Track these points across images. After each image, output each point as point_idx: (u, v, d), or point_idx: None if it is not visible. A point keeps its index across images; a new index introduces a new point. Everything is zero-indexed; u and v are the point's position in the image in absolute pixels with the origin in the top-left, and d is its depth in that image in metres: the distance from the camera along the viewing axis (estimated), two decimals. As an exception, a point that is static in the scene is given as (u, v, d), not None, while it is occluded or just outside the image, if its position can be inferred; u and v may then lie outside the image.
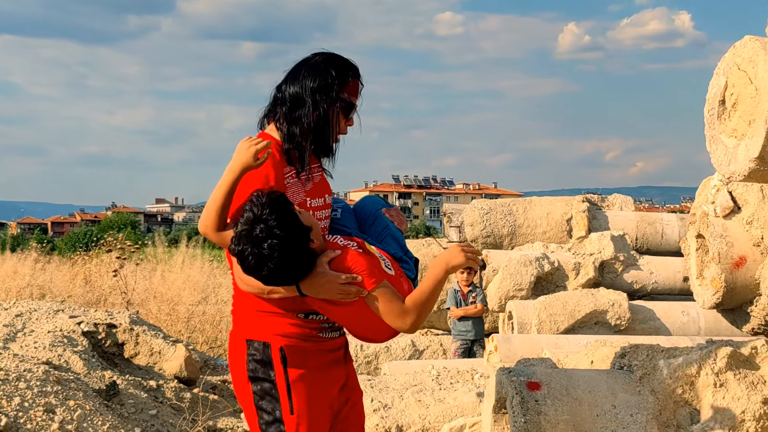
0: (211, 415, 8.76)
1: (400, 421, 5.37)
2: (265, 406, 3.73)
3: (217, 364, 10.94)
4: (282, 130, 3.79)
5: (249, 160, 3.63)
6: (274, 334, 3.73)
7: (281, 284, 3.64)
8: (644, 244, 10.42)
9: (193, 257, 16.85)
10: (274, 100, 3.86)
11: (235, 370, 3.83)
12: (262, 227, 3.51)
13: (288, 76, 3.85)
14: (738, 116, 4.20)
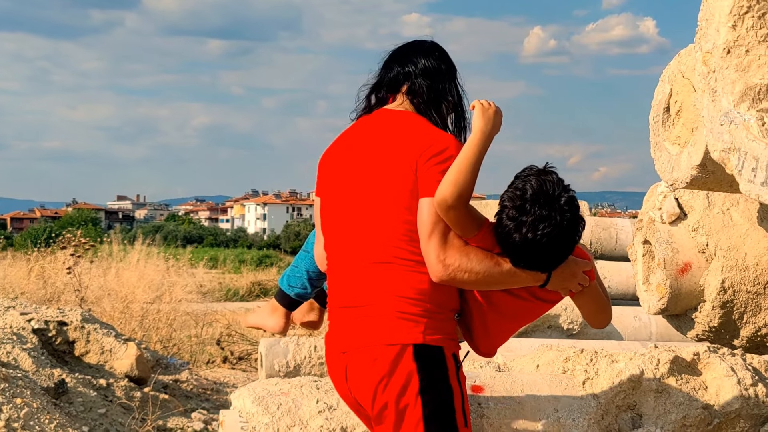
0: (161, 415, 8.73)
1: (345, 422, 5.36)
2: (436, 421, 3.29)
3: (169, 363, 10.90)
4: (429, 104, 3.48)
5: (498, 129, 3.29)
6: (446, 337, 3.35)
7: (551, 266, 3.27)
8: (598, 249, 10.46)
9: (149, 255, 16.77)
10: (395, 75, 3.52)
11: (392, 383, 3.27)
12: (565, 198, 3.12)
13: (402, 56, 3.56)
14: (682, 124, 4.24)
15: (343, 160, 3.47)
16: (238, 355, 14.06)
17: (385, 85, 3.54)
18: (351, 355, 3.33)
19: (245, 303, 26.63)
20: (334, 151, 3.55)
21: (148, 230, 43.75)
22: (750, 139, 2.79)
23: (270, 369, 9.27)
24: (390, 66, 3.56)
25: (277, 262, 49.55)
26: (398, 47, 3.61)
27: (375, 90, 3.57)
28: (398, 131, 3.36)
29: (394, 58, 3.58)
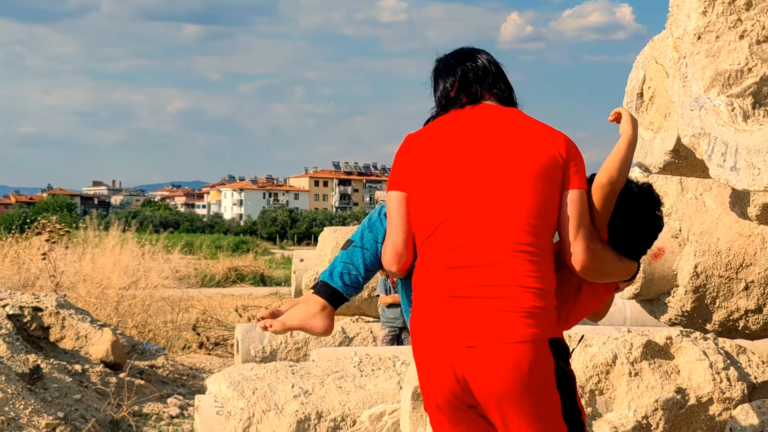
0: (137, 400, 8.72)
1: (320, 407, 5.38)
2: (570, 409, 3.30)
3: (145, 349, 10.89)
4: (511, 100, 3.59)
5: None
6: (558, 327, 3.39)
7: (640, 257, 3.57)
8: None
9: (124, 241, 16.71)
10: (484, 71, 3.58)
11: (534, 378, 3.21)
12: (656, 197, 3.55)
13: (466, 56, 3.64)
14: (655, 109, 4.26)
15: (458, 152, 3.40)
16: (214, 340, 14.04)
17: (473, 82, 3.57)
18: (484, 350, 3.19)
19: (221, 289, 26.62)
20: (433, 144, 3.46)
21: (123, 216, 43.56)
22: (720, 124, 2.81)
23: (246, 354, 9.29)
24: (461, 66, 3.61)
25: (254, 247, 49.49)
26: (454, 51, 3.69)
27: (464, 87, 3.57)
28: (523, 126, 3.41)
29: (458, 59, 3.64)
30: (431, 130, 3.50)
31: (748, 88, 2.84)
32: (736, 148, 2.70)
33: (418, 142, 3.48)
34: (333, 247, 10.67)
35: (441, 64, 3.66)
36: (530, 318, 3.17)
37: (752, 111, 2.81)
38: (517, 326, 3.16)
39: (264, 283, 29.98)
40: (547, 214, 3.27)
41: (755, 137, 2.60)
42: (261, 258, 40.28)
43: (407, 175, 3.43)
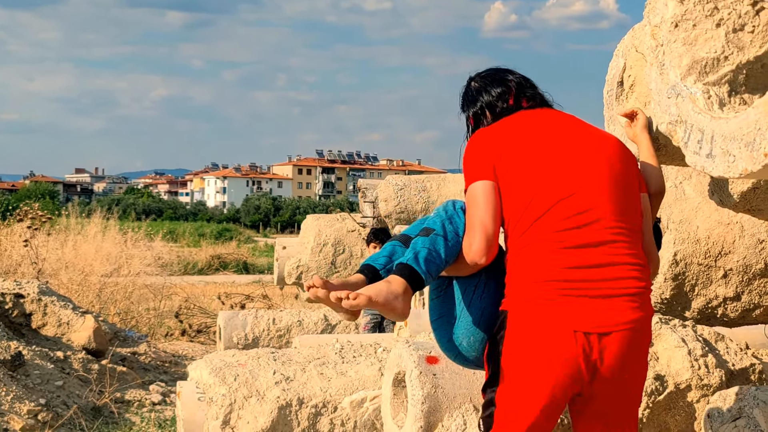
0: (119, 387, 8.72)
1: (302, 393, 5.39)
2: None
3: (127, 336, 10.89)
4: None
5: None
6: None
7: None
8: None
9: (107, 228, 16.68)
10: (528, 80, 3.78)
11: (646, 355, 3.45)
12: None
13: (506, 71, 3.82)
14: (635, 98, 4.28)
15: (548, 140, 3.46)
16: (197, 327, 14.05)
17: (527, 88, 3.71)
18: (615, 334, 3.24)
19: (204, 276, 26.59)
20: (517, 134, 3.49)
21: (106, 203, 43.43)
22: (696, 112, 2.84)
23: (228, 341, 9.29)
24: (510, 76, 3.75)
25: (237, 235, 49.44)
26: (489, 69, 3.85)
27: (521, 93, 3.69)
28: (589, 125, 3.60)
29: (499, 71, 3.80)
30: (508, 124, 3.55)
31: (725, 76, 2.87)
32: (712, 135, 2.72)
33: (497, 135, 3.50)
34: (315, 234, 10.68)
35: (481, 80, 3.76)
36: (646, 299, 3.32)
37: (728, 99, 2.84)
38: (637, 308, 3.27)
39: (247, 270, 29.97)
40: (637, 199, 3.44)
41: (731, 125, 2.63)
42: (244, 246, 40.26)
43: (492, 164, 3.42)
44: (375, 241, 9.64)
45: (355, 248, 10.66)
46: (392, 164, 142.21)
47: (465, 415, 4.46)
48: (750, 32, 2.88)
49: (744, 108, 2.62)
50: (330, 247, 10.64)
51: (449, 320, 3.56)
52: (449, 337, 3.58)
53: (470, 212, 3.41)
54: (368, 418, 5.42)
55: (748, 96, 2.85)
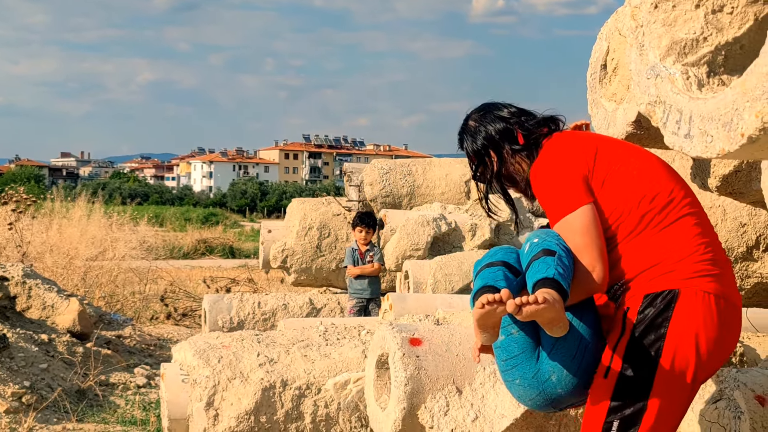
0: (104, 370, 8.73)
1: (285, 375, 5.41)
2: None
3: (112, 319, 10.88)
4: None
5: None
6: None
7: None
8: (540, 207, 10.59)
9: (92, 212, 16.63)
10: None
11: None
12: None
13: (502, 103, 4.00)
14: (618, 81, 4.29)
15: (622, 145, 3.67)
16: (182, 311, 14.04)
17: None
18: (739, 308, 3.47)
19: (190, 261, 26.55)
20: (590, 149, 3.60)
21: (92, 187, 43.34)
22: (675, 93, 2.85)
23: (213, 325, 9.30)
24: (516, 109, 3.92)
25: (223, 220, 49.37)
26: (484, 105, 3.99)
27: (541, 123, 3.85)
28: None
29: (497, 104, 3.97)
30: (567, 143, 3.64)
31: (703, 57, 2.89)
32: (690, 115, 2.74)
33: (573, 153, 3.58)
34: (301, 218, 10.68)
35: (486, 116, 3.89)
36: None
37: (707, 79, 2.86)
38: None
39: (233, 255, 29.94)
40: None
41: (708, 105, 2.64)
42: (230, 230, 40.21)
43: (586, 180, 3.50)
44: (360, 225, 9.66)
45: (341, 232, 10.67)
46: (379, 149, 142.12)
47: (448, 396, 4.48)
48: (729, 13, 2.90)
49: (723, 89, 2.64)
50: (315, 230, 10.64)
51: (532, 355, 3.52)
52: (534, 372, 3.52)
53: (585, 239, 3.42)
54: (352, 400, 5.44)
55: (727, 77, 2.87)
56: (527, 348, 3.52)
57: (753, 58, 2.46)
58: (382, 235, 9.85)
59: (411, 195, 10.45)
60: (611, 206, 3.46)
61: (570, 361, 3.44)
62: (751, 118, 2.41)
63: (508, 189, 3.95)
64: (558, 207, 3.49)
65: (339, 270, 10.63)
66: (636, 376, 3.32)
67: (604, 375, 3.38)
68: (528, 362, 3.52)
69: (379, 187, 10.42)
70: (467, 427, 4.45)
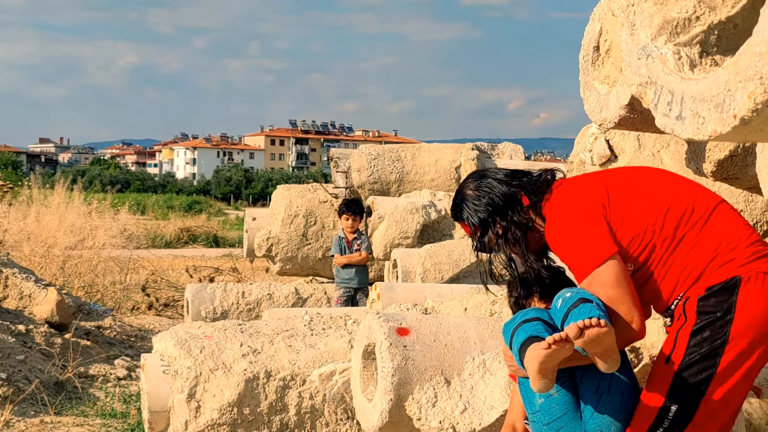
0: (83, 362, 8.71)
1: (269, 366, 5.42)
2: None
3: (92, 310, 10.86)
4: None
5: None
6: None
7: None
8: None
9: (71, 199, 16.58)
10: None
11: None
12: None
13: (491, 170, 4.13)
14: (611, 62, 4.29)
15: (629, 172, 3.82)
16: (164, 301, 14.04)
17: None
18: None
19: (173, 250, 26.51)
20: (601, 187, 3.70)
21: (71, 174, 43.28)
22: (666, 73, 2.86)
23: (196, 315, 9.30)
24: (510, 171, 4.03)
25: (207, 208, 49.32)
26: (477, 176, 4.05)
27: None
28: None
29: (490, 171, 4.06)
30: (578, 188, 3.74)
31: (696, 37, 2.89)
32: (682, 96, 2.75)
33: (588, 198, 3.65)
34: (286, 205, 10.68)
35: (483, 184, 3.94)
36: None
37: (699, 60, 2.87)
38: None
39: (217, 244, 29.91)
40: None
41: (701, 86, 2.65)
42: (214, 219, 40.18)
43: (608, 224, 3.59)
44: (347, 212, 9.65)
45: (327, 220, 10.67)
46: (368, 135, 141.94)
47: (436, 387, 4.49)
48: (722, -8, 2.90)
49: (715, 69, 2.65)
50: (301, 218, 10.64)
51: (575, 415, 3.61)
52: None
53: (618, 291, 3.48)
54: (337, 391, 5.45)
55: (720, 57, 2.87)
56: (569, 408, 3.61)
57: (747, 38, 2.47)
58: (370, 223, 9.86)
59: (400, 181, 10.46)
60: (639, 232, 3.54)
61: (617, 414, 3.55)
62: (744, 99, 2.42)
63: (511, 253, 3.96)
64: (584, 263, 3.54)
65: (326, 259, 10.63)
66: (699, 363, 3.42)
67: (665, 361, 3.48)
68: (572, 423, 3.61)
69: (367, 173, 10.42)
70: (456, 419, 4.46)
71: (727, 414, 3.51)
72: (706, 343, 3.40)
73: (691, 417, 3.44)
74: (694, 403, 3.44)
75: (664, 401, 3.46)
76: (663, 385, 3.48)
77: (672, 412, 3.45)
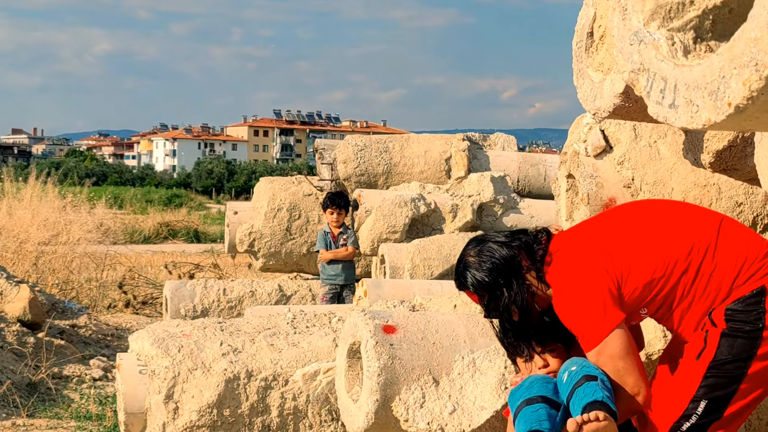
0: (57, 362, 8.71)
1: (250, 365, 5.42)
2: None
3: (66, 308, 10.85)
4: None
5: None
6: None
7: None
8: (526, 187, 10.65)
9: (45, 192, 16.53)
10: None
11: None
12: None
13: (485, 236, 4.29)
14: (605, 49, 4.29)
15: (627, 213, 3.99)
16: (142, 299, 14.02)
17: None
18: None
19: (151, 245, 26.47)
20: (598, 239, 3.85)
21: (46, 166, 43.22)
22: (659, 60, 2.87)
23: (175, 313, 9.30)
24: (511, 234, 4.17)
25: (188, 201, 49.24)
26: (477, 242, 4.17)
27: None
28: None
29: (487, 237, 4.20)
30: (577, 245, 3.89)
31: (690, 22, 2.90)
32: (675, 84, 2.76)
33: (590, 262, 3.77)
34: (269, 199, 10.67)
35: (485, 249, 4.05)
36: None
37: (693, 46, 2.88)
38: None
39: (198, 239, 29.87)
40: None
41: (695, 72, 2.66)
42: (195, 213, 40.09)
43: (615, 289, 3.73)
44: (332, 206, 9.65)
45: (312, 213, 10.67)
46: (355, 125, 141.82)
47: (424, 387, 4.50)
48: (717, -25, 2.91)
49: (710, 56, 2.66)
50: (285, 212, 10.64)
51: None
52: None
53: (625, 363, 3.67)
54: (321, 392, 5.46)
55: (715, 43, 2.88)
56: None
57: (742, 23, 2.48)
58: (357, 217, 9.87)
59: (387, 173, 10.46)
60: (651, 279, 3.70)
61: None
62: (739, 86, 2.43)
63: (514, 316, 4.08)
64: (591, 335, 3.70)
65: (310, 254, 10.64)
66: (731, 362, 3.58)
67: (696, 357, 3.64)
68: None
69: (354, 165, 10.43)
70: (444, 420, 4.48)
71: (747, 415, 3.70)
72: (737, 345, 3.56)
73: (720, 415, 3.60)
74: (724, 401, 3.60)
75: (693, 396, 3.63)
76: (694, 381, 3.63)
77: (701, 408, 3.61)
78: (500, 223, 9.82)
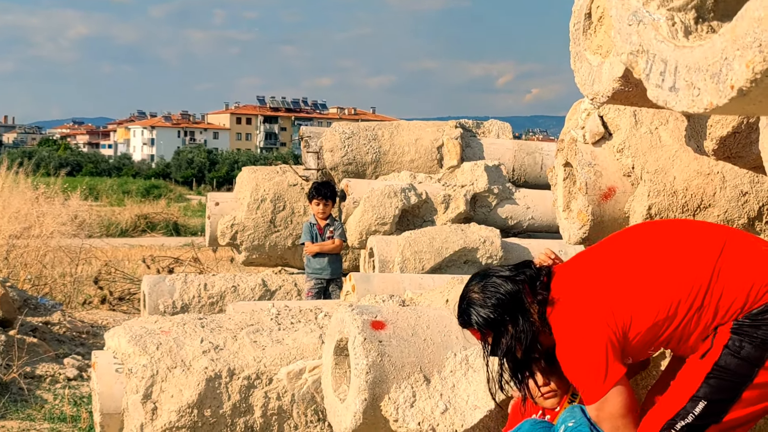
0: (29, 360, 8.70)
1: (232, 363, 5.43)
2: None
3: (39, 304, 10.84)
4: None
5: None
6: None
7: None
8: (522, 176, 10.65)
9: (16, 183, 16.51)
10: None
11: None
12: None
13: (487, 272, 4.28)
14: (604, 31, 4.30)
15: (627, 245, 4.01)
16: (119, 295, 14.01)
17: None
18: None
19: (128, 239, 26.46)
20: (598, 278, 3.92)
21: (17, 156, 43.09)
22: (659, 41, 2.87)
23: (154, 310, 9.30)
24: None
25: (167, 193, 49.20)
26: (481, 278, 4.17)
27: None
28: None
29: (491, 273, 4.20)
30: (573, 289, 3.93)
31: (691, 2, 2.90)
32: (676, 66, 2.76)
33: (591, 312, 3.83)
34: (252, 189, 10.65)
35: (489, 284, 4.07)
36: None
37: (694, 26, 2.88)
38: None
39: (178, 232, 29.86)
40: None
41: (696, 54, 2.66)
42: (175, 205, 40.07)
43: (614, 337, 3.79)
44: (317, 196, 9.64)
45: (297, 204, 10.65)
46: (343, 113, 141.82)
47: (414, 386, 4.52)
48: (720, -49, 2.92)
49: (711, 36, 2.66)
50: (269, 203, 10.62)
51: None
52: None
53: (625, 421, 3.78)
54: (307, 391, 5.47)
55: (717, 23, 2.88)
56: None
57: (745, 2, 2.48)
58: (344, 208, 9.86)
59: (376, 162, 10.45)
60: (657, 320, 3.74)
61: None
62: (742, 68, 2.43)
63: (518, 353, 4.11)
64: (592, 391, 3.79)
65: (295, 247, 10.62)
66: (737, 365, 3.62)
67: (701, 356, 3.70)
68: None
69: (341, 153, 10.41)
70: (436, 420, 4.49)
71: (748, 428, 3.77)
72: (744, 350, 3.60)
73: (718, 420, 3.66)
74: (724, 406, 3.65)
75: (693, 394, 3.69)
76: (696, 379, 3.70)
77: (699, 408, 3.66)
78: (494, 215, 9.83)
